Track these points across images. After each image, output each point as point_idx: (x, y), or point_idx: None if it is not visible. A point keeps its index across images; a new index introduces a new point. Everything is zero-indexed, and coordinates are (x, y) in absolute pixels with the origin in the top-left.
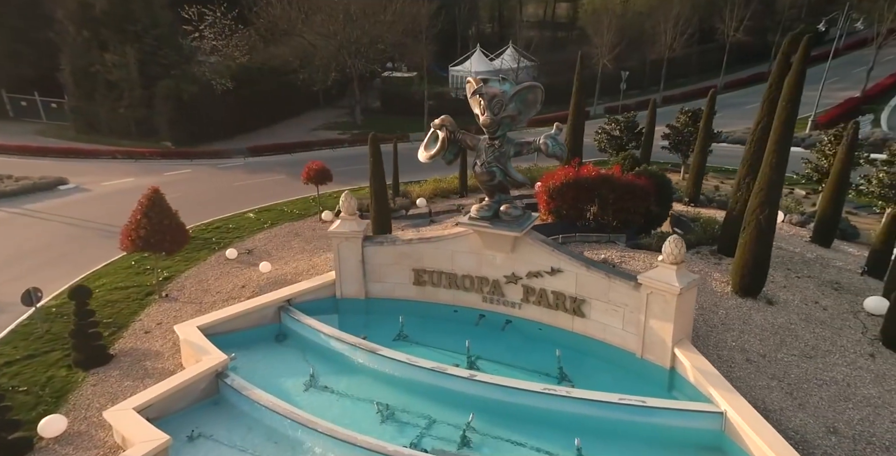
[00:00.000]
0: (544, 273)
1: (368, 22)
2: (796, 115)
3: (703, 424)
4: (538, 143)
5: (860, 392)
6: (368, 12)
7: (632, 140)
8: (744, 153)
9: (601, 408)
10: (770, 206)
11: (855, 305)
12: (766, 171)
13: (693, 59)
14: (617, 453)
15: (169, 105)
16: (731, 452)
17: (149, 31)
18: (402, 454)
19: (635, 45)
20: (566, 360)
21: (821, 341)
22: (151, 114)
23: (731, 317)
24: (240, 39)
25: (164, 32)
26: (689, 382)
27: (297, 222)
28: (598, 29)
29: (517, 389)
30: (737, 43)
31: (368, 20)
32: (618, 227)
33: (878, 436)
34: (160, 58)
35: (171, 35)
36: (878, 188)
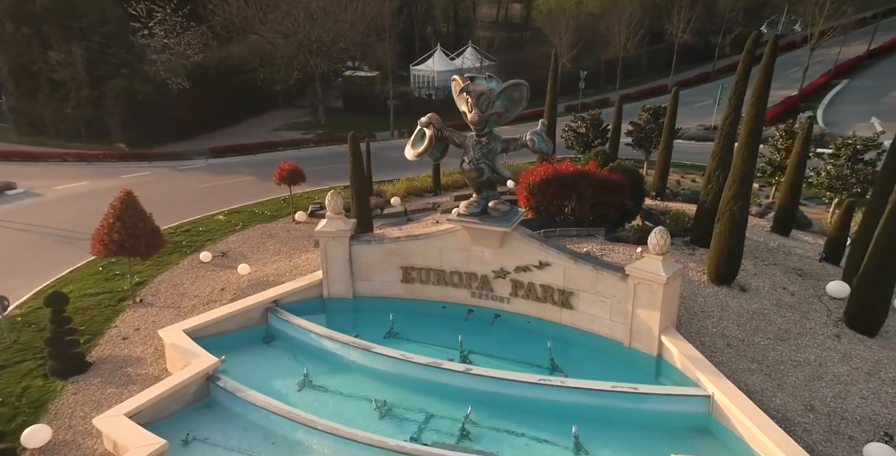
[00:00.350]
0: (532, 267)
1: (329, 20)
2: (765, 110)
3: (692, 407)
4: (525, 140)
5: (831, 371)
6: (329, 11)
7: (597, 137)
8: (713, 148)
9: (595, 396)
10: (743, 197)
11: (818, 289)
12: (739, 164)
13: (643, 59)
14: (611, 439)
15: (121, 105)
16: (718, 432)
17: (96, 28)
18: (405, 449)
19: (590, 46)
20: (555, 351)
21: (792, 325)
22: (102, 114)
23: (710, 304)
24: (192, 37)
25: (113, 30)
26: (677, 367)
27: (270, 224)
28: (556, 29)
29: (513, 380)
30: (683, 44)
31: (329, 19)
32: (594, 221)
33: (849, 411)
34: (109, 56)
35: (120, 32)
36: (826, 180)
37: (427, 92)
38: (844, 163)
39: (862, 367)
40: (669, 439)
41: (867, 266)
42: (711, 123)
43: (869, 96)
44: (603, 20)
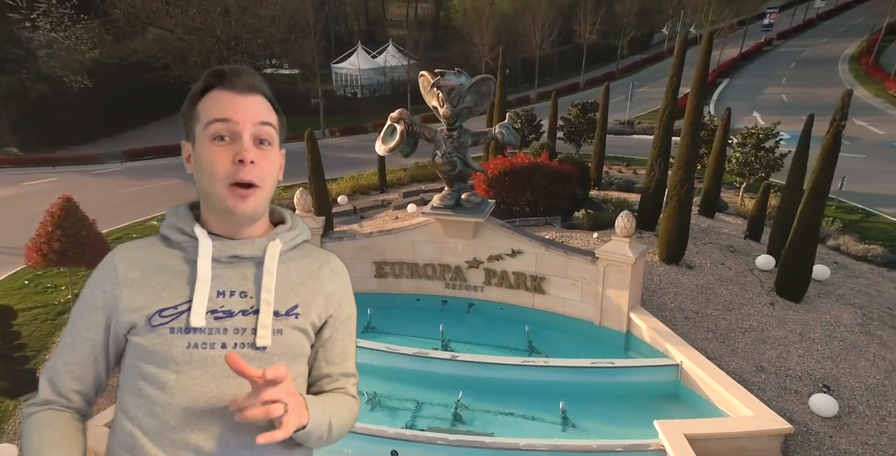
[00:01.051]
0: (505, 256)
1: (246, 16)
2: (703, 100)
3: (663, 376)
4: (494, 133)
5: (771, 335)
6: (244, 6)
7: (532, 132)
8: (654, 137)
9: (576, 373)
10: (688, 182)
11: (749, 263)
12: (683, 151)
13: (555, 59)
14: (593, 411)
15: (11, 106)
16: (686, 397)
17: None
18: (405, 436)
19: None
20: (530, 334)
21: (734, 296)
22: None
23: (664, 282)
24: (84, 31)
25: None
26: (645, 341)
27: None
28: (478, 29)
29: (498, 364)
30: (591, 45)
31: (245, 14)
32: (547, 210)
33: (791, 369)
34: None
35: (4, 26)
36: (736, 166)
37: (351, 90)
38: (750, 151)
39: (794, 329)
40: (644, 407)
41: (792, 240)
42: (625, 118)
43: (746, 94)
44: (518, 21)
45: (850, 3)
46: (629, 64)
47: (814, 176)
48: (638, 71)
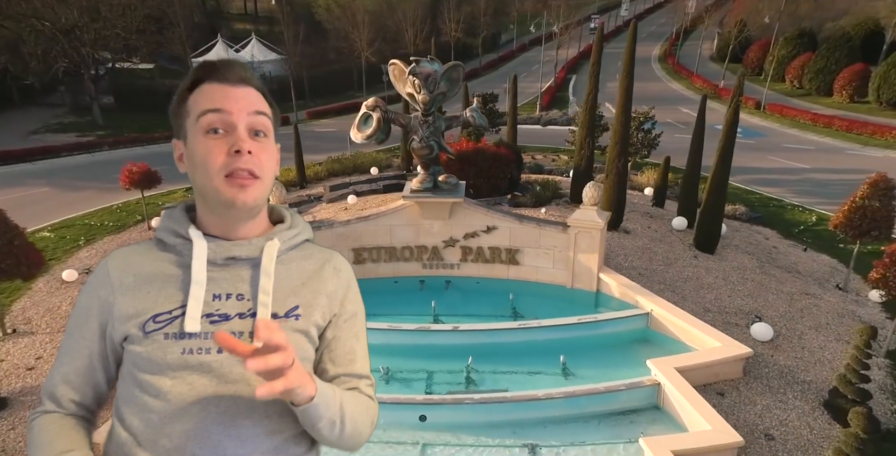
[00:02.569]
0: (480, 232)
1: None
2: (633, 82)
3: (636, 324)
4: (466, 117)
5: (705, 282)
6: None
7: None
8: (580, 119)
9: (566, 330)
10: (624, 155)
11: (667, 226)
12: (618, 127)
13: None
14: (586, 360)
15: None
16: (654, 339)
17: None
18: (433, 400)
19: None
20: (502, 300)
21: (667, 253)
22: None
23: (613, 246)
24: None
25: None
26: (615, 297)
27: (122, 234)
28: (352, 24)
29: (497, 329)
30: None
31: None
32: (488, 192)
33: (727, 307)
34: None
35: None
36: None
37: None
38: (633, 132)
39: (719, 275)
40: (626, 352)
41: (706, 202)
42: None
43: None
44: (390, 17)
45: (643, 13)
46: (489, 62)
47: (720, 145)
48: (498, 67)
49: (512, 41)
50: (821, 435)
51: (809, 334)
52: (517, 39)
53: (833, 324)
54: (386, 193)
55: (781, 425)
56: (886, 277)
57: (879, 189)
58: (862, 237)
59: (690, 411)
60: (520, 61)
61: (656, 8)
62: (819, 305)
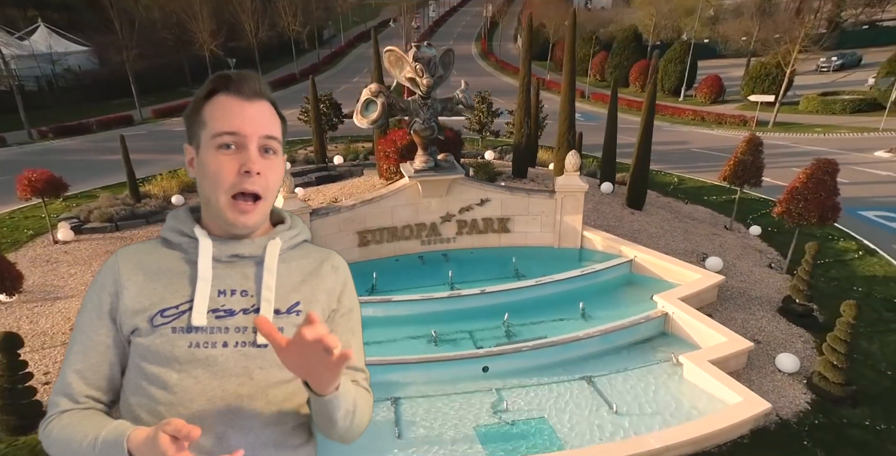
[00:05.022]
0: (475, 205)
1: None
2: (575, 66)
3: (622, 270)
4: (459, 98)
5: (651, 232)
6: None
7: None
8: (518, 100)
9: (572, 282)
10: (572, 129)
11: (598, 190)
12: (565, 106)
13: (273, 48)
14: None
15: None
16: (638, 281)
17: None
18: (494, 352)
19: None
20: (501, 265)
21: (614, 212)
22: None
23: None
24: None
25: None
26: (599, 250)
27: (22, 251)
28: (190, 14)
29: (517, 288)
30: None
31: None
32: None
33: (680, 249)
34: None
35: None
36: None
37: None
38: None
39: (659, 226)
40: (619, 294)
41: (635, 167)
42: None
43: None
44: (226, 8)
45: (445, 15)
46: (326, 56)
47: (642, 124)
48: (336, 63)
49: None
50: (788, 333)
51: (737, 263)
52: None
53: (744, 254)
54: (320, 185)
55: (760, 331)
56: (789, 209)
57: (752, 145)
58: (743, 185)
59: (700, 329)
60: (357, 56)
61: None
62: (727, 241)
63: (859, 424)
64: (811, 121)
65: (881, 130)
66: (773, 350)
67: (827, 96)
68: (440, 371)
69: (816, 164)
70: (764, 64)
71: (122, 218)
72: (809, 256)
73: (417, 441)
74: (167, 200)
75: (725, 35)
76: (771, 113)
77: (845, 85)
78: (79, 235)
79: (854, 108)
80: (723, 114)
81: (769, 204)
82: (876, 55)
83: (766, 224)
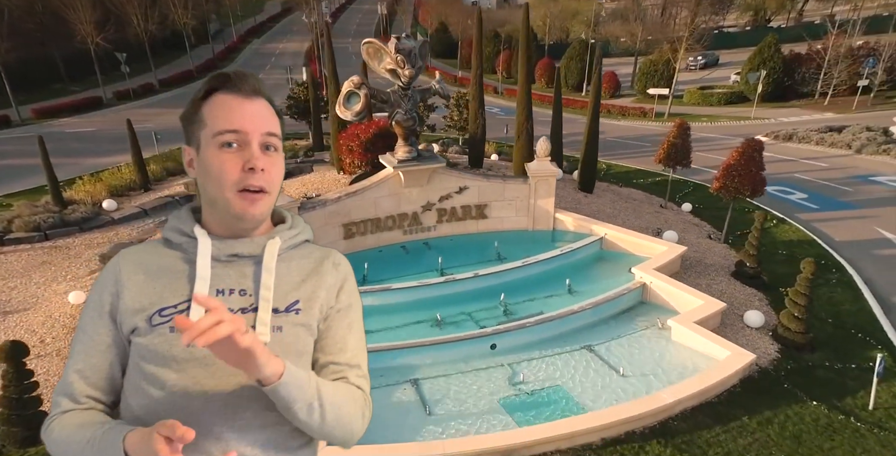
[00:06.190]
0: (454, 194)
1: None
2: (532, 61)
3: (595, 247)
4: (436, 88)
5: (607, 211)
6: None
7: None
8: (471, 92)
9: (553, 261)
10: (530, 119)
11: None
12: (523, 97)
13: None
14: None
15: None
16: (609, 256)
17: None
18: (500, 329)
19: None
20: (479, 250)
21: (570, 195)
22: None
23: None
24: None
25: None
26: (570, 230)
27: None
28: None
29: (506, 270)
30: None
31: None
32: None
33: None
34: None
35: None
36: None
37: None
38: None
39: (613, 206)
40: (594, 269)
41: (584, 155)
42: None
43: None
44: None
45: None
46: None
47: (588, 116)
48: (234, 58)
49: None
50: (745, 293)
51: (684, 235)
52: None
53: (687, 228)
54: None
55: (723, 294)
56: (726, 185)
57: (682, 130)
58: (675, 166)
59: (678, 295)
60: (253, 52)
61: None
62: (668, 218)
63: (821, 366)
64: (696, 111)
65: (752, 118)
66: (736, 309)
67: (704, 90)
68: (451, 351)
69: (746, 143)
70: (653, 61)
71: (50, 226)
72: (759, 224)
73: (447, 416)
74: (97, 205)
75: (610, 36)
76: (664, 105)
77: (712, 81)
78: (2, 247)
79: (727, 100)
80: (625, 106)
81: (690, 184)
82: (728, 56)
83: (693, 201)
